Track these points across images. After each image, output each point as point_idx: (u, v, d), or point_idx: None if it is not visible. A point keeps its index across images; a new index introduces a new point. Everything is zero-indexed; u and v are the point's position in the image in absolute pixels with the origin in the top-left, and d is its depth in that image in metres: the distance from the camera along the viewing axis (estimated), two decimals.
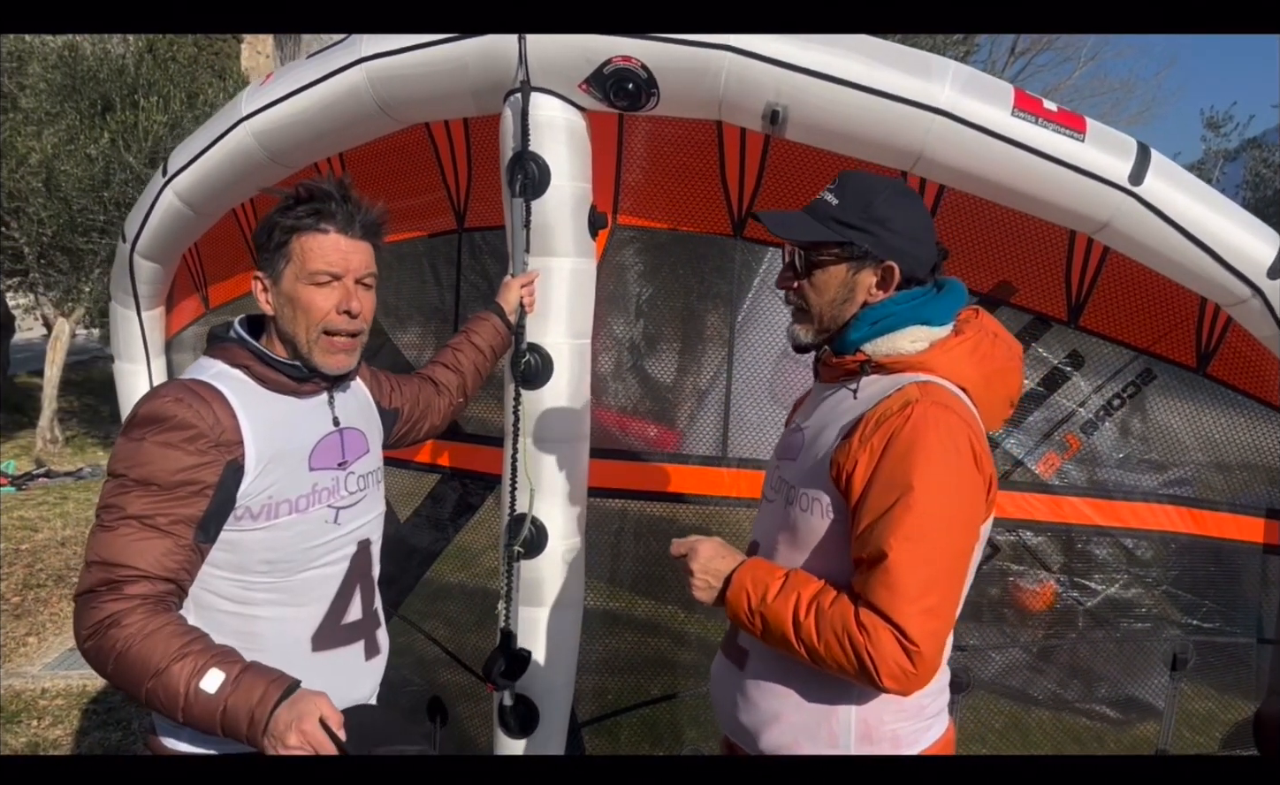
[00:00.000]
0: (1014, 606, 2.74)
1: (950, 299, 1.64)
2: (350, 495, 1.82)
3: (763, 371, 2.76)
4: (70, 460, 10.36)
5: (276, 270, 1.72)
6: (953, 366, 1.57)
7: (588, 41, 2.14)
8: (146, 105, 9.69)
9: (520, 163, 2.24)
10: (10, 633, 5.23)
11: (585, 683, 2.79)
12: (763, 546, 1.73)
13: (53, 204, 9.26)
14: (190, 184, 2.87)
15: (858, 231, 1.60)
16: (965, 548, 1.49)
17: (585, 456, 2.53)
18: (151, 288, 3.41)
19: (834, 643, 1.44)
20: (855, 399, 1.60)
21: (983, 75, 2.11)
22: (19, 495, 8.54)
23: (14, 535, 7.12)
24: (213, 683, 1.47)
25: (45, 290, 10.53)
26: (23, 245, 9.67)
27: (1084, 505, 2.57)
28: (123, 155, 9.33)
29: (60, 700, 4.41)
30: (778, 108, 2.12)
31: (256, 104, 2.60)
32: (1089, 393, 2.54)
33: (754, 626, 1.55)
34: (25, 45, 9.84)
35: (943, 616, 1.45)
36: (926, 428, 1.44)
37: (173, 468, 1.54)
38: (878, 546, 1.42)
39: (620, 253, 2.71)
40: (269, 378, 1.72)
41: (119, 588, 1.50)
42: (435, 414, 2.27)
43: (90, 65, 10.08)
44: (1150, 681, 2.73)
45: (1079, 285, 2.44)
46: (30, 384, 13.74)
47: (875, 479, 1.46)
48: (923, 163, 2.14)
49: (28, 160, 9.10)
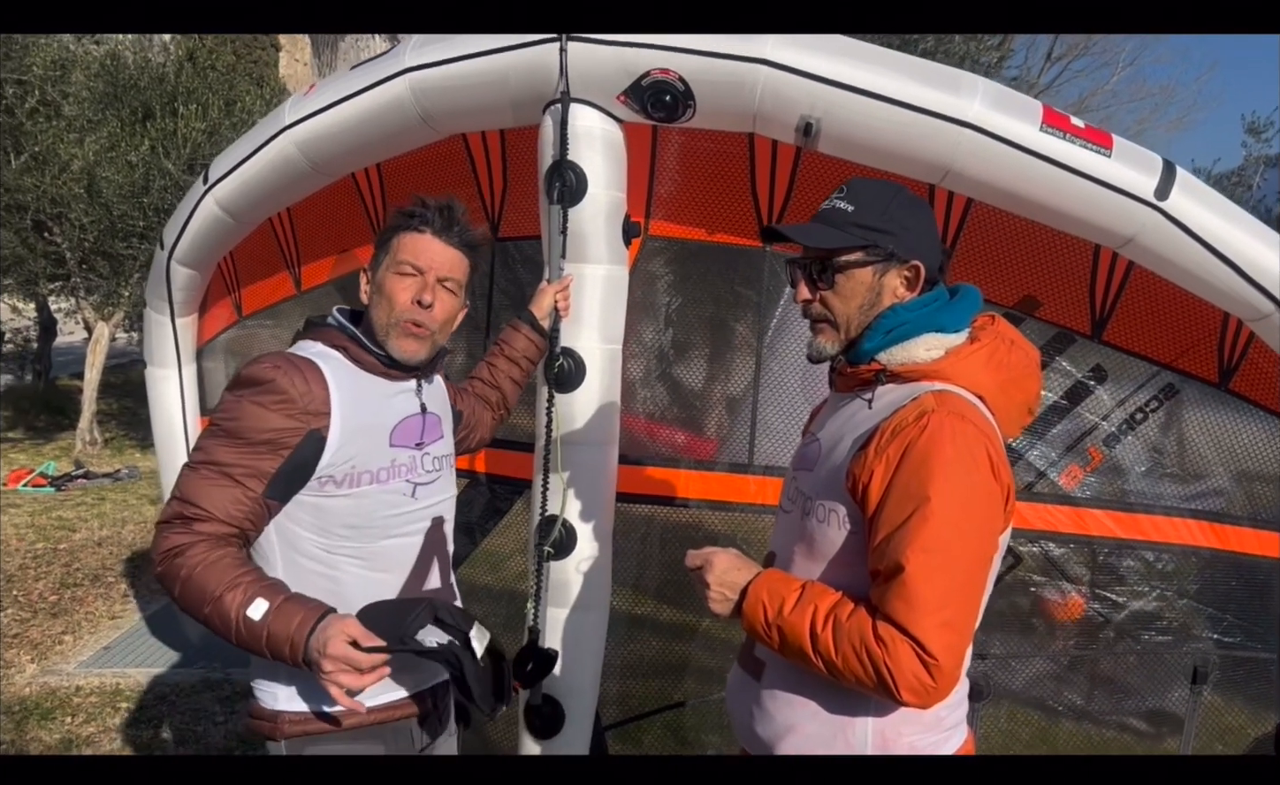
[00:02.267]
0: (1041, 617, 2.77)
1: (964, 305, 1.64)
2: (427, 474, 1.96)
3: (790, 380, 2.81)
4: (108, 462, 10.46)
5: (377, 262, 1.91)
6: (969, 374, 1.56)
7: (626, 54, 2.20)
8: (185, 113, 9.89)
9: (559, 171, 2.30)
10: (47, 631, 5.31)
11: (610, 687, 2.82)
12: (779, 558, 1.72)
13: (94, 210, 9.46)
14: (231, 192, 2.94)
15: (881, 234, 1.60)
16: (983, 559, 1.48)
17: (614, 460, 2.57)
18: (187, 294, 3.48)
19: (852, 656, 1.42)
20: (870, 409, 1.59)
21: (1012, 92, 2.17)
22: (58, 496, 8.68)
23: (52, 535, 7.24)
24: (258, 611, 1.62)
25: (86, 294, 10.73)
26: (64, 250, 9.86)
27: (1106, 518, 2.60)
28: (162, 162, 9.51)
29: (94, 698, 4.47)
30: (811, 121, 2.18)
31: (300, 113, 2.67)
32: (1112, 406, 2.58)
33: (771, 639, 1.54)
34: (69, 54, 10.00)
35: (961, 629, 1.43)
36: (943, 438, 1.43)
37: (260, 426, 1.70)
38: (894, 559, 1.41)
39: (651, 261, 2.76)
40: (363, 359, 1.87)
41: (189, 523, 1.66)
42: (483, 427, 2.40)
43: (131, 74, 10.31)
44: (1176, 695, 2.75)
45: (1103, 300, 2.48)
46: (71, 386, 13.95)
47: (891, 490, 1.45)
48: (951, 176, 2.19)
49: (70, 167, 9.29)
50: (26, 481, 8.97)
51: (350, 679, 1.60)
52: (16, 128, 9.22)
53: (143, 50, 11.34)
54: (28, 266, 9.88)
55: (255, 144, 2.81)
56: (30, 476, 9.07)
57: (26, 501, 8.35)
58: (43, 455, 10.49)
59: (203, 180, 3.03)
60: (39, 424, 12.60)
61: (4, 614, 5.50)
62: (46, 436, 11.86)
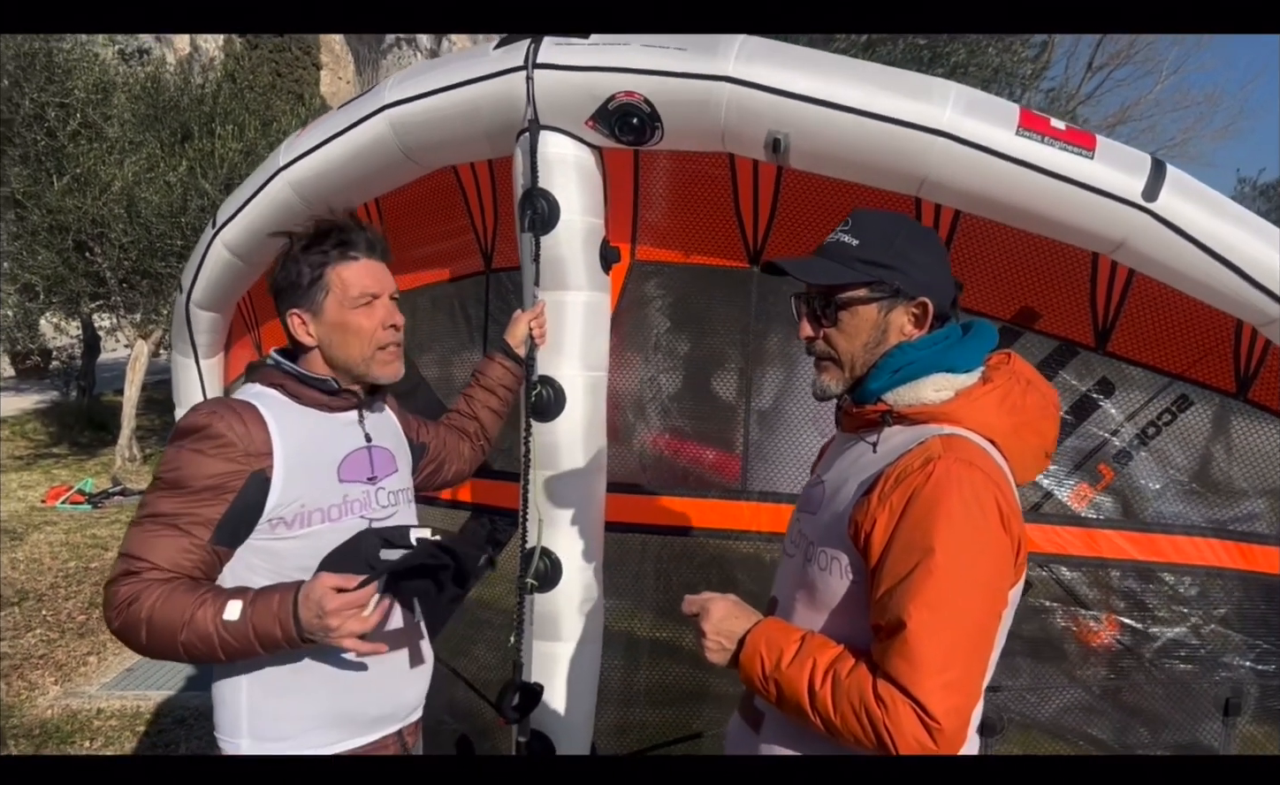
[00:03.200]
0: (1074, 642, 2.62)
1: (977, 343, 1.56)
2: (382, 508, 1.94)
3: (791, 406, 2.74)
4: (147, 478, 10.69)
5: (316, 303, 1.87)
6: (979, 417, 1.49)
7: (592, 79, 2.19)
8: (223, 133, 10.20)
9: (530, 199, 2.29)
10: (73, 651, 5.42)
11: (607, 717, 2.75)
12: (781, 604, 1.66)
13: (133, 230, 9.74)
14: (236, 234, 3.00)
15: (886, 269, 1.54)
16: (991, 615, 1.39)
17: (602, 489, 2.54)
18: (209, 337, 3.56)
19: (850, 716, 1.35)
20: (875, 453, 1.52)
21: (986, 96, 2.09)
22: (94, 513, 8.92)
23: (85, 553, 7.41)
24: (234, 611, 1.63)
25: (126, 312, 11.07)
26: (105, 270, 10.15)
27: (1120, 539, 2.46)
28: (199, 182, 9.81)
29: (114, 721, 4.53)
30: (779, 136, 2.13)
31: (293, 154, 2.72)
32: (1121, 421, 2.45)
33: (768, 692, 1.48)
34: (111, 76, 10.39)
35: (966, 691, 1.34)
36: (949, 486, 1.36)
37: (201, 473, 1.70)
38: (896, 615, 1.34)
39: (641, 286, 2.73)
40: (303, 394, 1.87)
41: (137, 575, 1.66)
42: (460, 459, 2.38)
43: (172, 95, 10.72)
44: (1210, 727, 2.57)
45: (1105, 309, 2.36)
46: (114, 402, 14.35)
47: (894, 541, 1.38)
48: (928, 186, 2.12)
49: (110, 188, 9.58)
50: (65, 499, 9.26)
51: (358, 622, 1.63)
52: (59, 150, 9.56)
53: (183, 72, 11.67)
54: (70, 286, 10.18)
55: (255, 186, 2.87)
56: (68, 494, 9.36)
57: (63, 519, 8.58)
58: (84, 471, 10.88)
59: (211, 223, 3.10)
60: (82, 439, 13.12)
61: (33, 634, 5.63)
62: (90, 452, 12.33)
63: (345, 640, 1.61)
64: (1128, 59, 19.73)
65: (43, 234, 9.56)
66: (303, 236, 1.92)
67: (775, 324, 2.66)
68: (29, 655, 5.32)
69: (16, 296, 10.82)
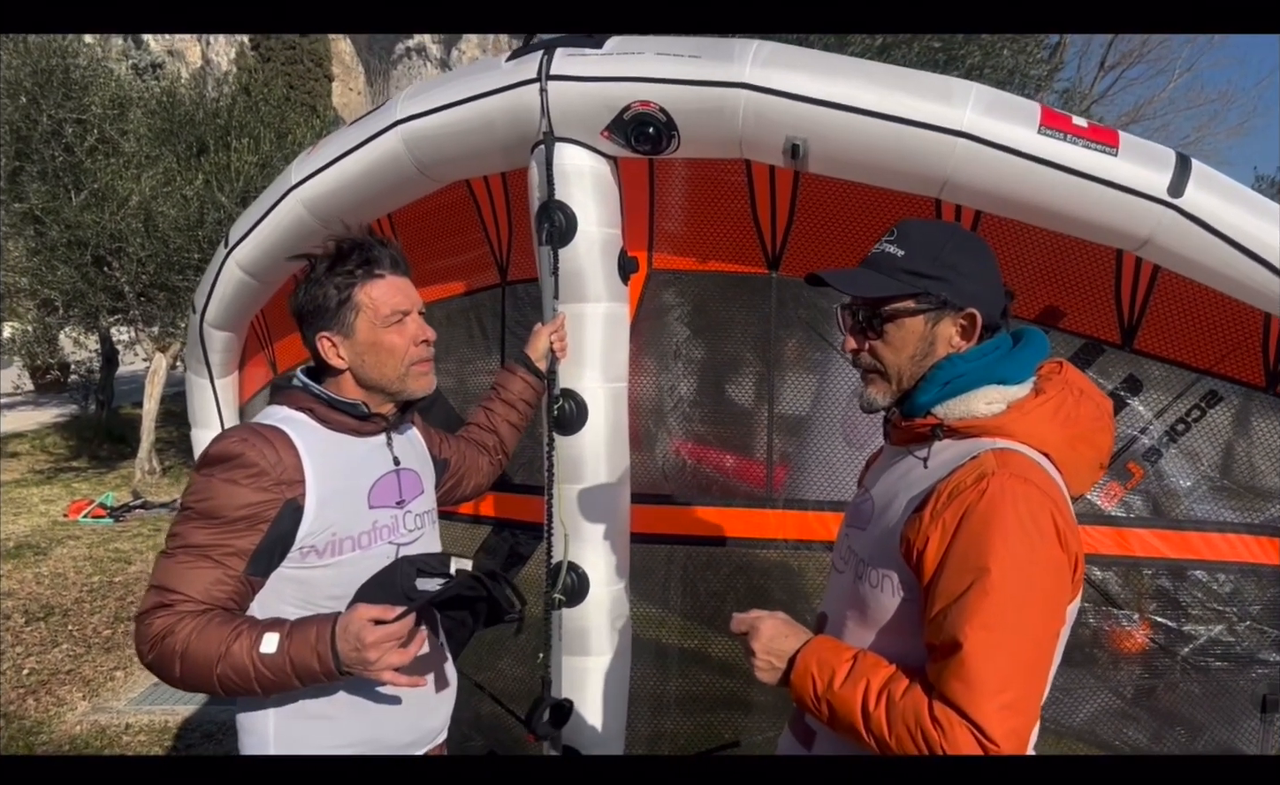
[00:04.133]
0: (1103, 648, 2.58)
1: (1029, 353, 1.54)
2: (409, 533, 1.91)
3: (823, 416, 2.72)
4: (167, 491, 10.69)
5: (346, 324, 1.84)
6: (1033, 430, 1.46)
7: (607, 89, 2.17)
8: (238, 146, 10.19)
9: (547, 212, 2.28)
10: (99, 666, 5.40)
11: (662, 725, 2.73)
12: (831, 621, 1.63)
13: (151, 244, 9.71)
14: (249, 254, 2.99)
15: (933, 280, 1.51)
16: (1049, 635, 1.36)
17: (627, 501, 2.52)
18: (223, 356, 3.56)
19: (906, 738, 1.33)
20: (926, 468, 1.50)
21: (1006, 95, 2.06)
22: (115, 527, 8.88)
23: (108, 568, 7.40)
24: (270, 644, 1.60)
25: (145, 326, 11.04)
26: (123, 284, 10.14)
27: (1152, 537, 2.42)
28: (216, 195, 9.79)
29: (142, 736, 4.51)
30: (797, 142, 2.11)
31: (304, 172, 2.71)
32: (1150, 418, 2.41)
33: (820, 712, 1.45)
34: (127, 92, 10.39)
35: (1025, 712, 1.32)
36: (1004, 503, 1.33)
37: (235, 503, 1.66)
38: (952, 635, 1.31)
39: (660, 295, 2.71)
40: (332, 419, 1.82)
41: (170, 608, 1.63)
42: (479, 473, 2.35)
43: (188, 109, 10.68)
44: (1248, 726, 2.54)
45: (1130, 305, 2.33)
46: (133, 415, 14.26)
47: (948, 559, 1.35)
48: (949, 188, 2.09)
49: (128, 202, 9.56)
50: (87, 513, 9.21)
51: (398, 655, 1.60)
52: (76, 166, 9.57)
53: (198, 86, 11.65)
54: (88, 300, 10.17)
55: (267, 205, 2.86)
56: (90, 508, 9.31)
57: (86, 533, 8.56)
58: (104, 484, 10.82)
59: (224, 243, 3.10)
60: (102, 453, 13.03)
61: (59, 649, 5.63)
62: (109, 465, 12.24)
63: (384, 673, 1.59)
64: (1140, 58, 19.59)
65: (61, 249, 9.58)
66: (324, 258, 1.88)
67: (795, 330, 2.64)
68: (56, 671, 5.32)
69: (36, 311, 10.82)
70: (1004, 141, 1.99)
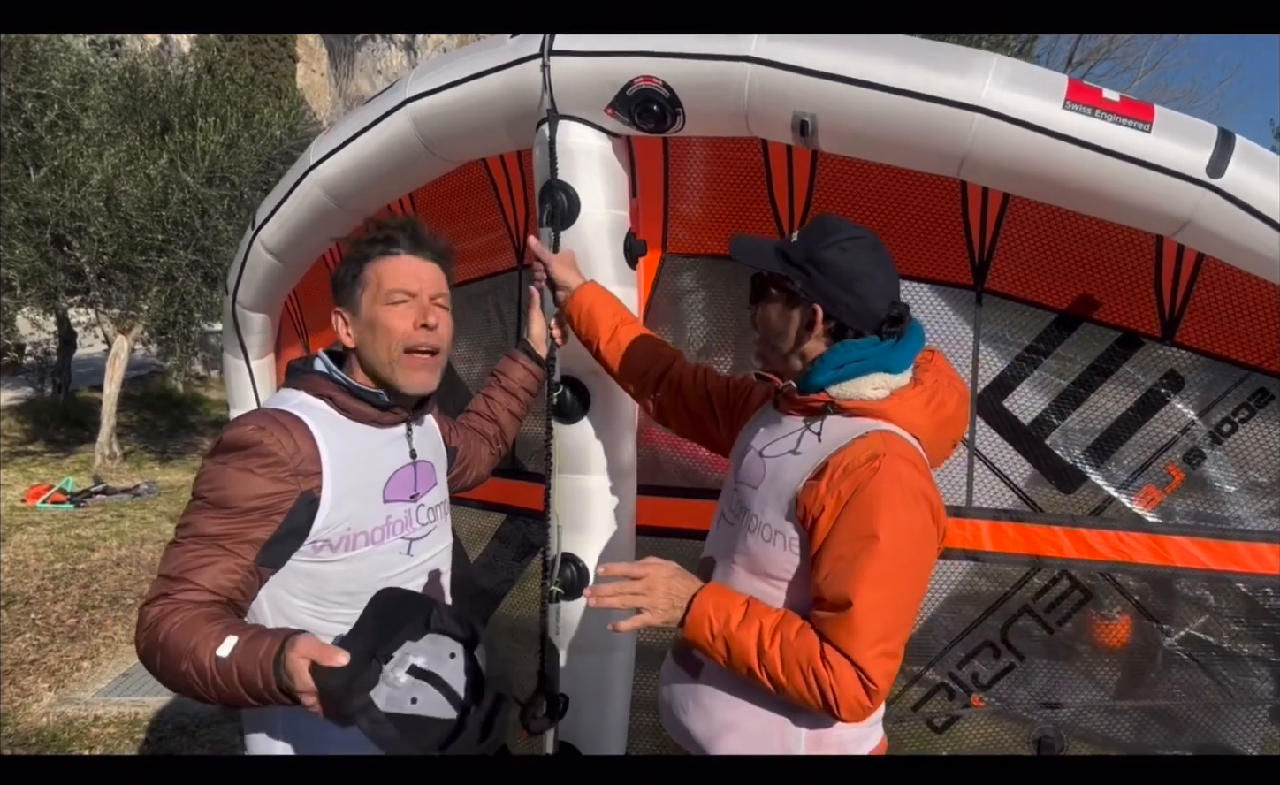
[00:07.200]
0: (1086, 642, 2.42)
1: (911, 346, 1.70)
2: (422, 527, 1.86)
3: None
4: (128, 476, 10.58)
5: (354, 300, 1.79)
6: (908, 416, 1.66)
7: (609, 64, 2.10)
8: (204, 125, 10.01)
9: (549, 192, 2.21)
10: (65, 656, 5.24)
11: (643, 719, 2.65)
12: (720, 567, 1.79)
13: (113, 223, 9.58)
14: (272, 234, 3.00)
15: (794, 268, 1.67)
16: (919, 593, 1.62)
17: (632, 492, 2.45)
18: (258, 337, 3.58)
19: (797, 674, 1.53)
20: (820, 441, 1.66)
21: (1031, 67, 1.92)
22: (77, 513, 8.70)
23: (71, 555, 7.23)
24: (226, 647, 1.47)
25: (105, 308, 10.85)
26: (84, 264, 10.00)
27: (1193, 546, 2.24)
28: (180, 175, 9.66)
29: (112, 728, 4.37)
30: (805, 117, 2.00)
31: (321, 152, 2.69)
32: (1192, 418, 2.23)
33: (715, 650, 1.62)
34: (88, 67, 10.19)
35: (897, 656, 1.55)
36: (892, 482, 1.53)
37: (249, 492, 1.60)
38: (842, 592, 1.51)
39: (675, 279, 2.62)
40: (351, 407, 1.76)
41: (172, 596, 1.55)
42: (480, 463, 2.30)
43: (150, 87, 10.48)
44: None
45: (1172, 295, 2.16)
46: (90, 399, 14.09)
47: (840, 525, 1.54)
48: (968, 165, 1.96)
49: (89, 181, 9.41)
50: (46, 498, 9.05)
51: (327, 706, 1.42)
52: (36, 142, 9.40)
53: (161, 63, 11.29)
54: (47, 280, 9.97)
55: (288, 186, 2.86)
56: (49, 493, 9.16)
57: (46, 519, 8.37)
58: (62, 468, 10.65)
59: (251, 224, 3.11)
60: (59, 436, 12.78)
61: (22, 638, 5.46)
62: (66, 449, 12.01)
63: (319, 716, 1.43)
64: (1107, 55, 20.38)
65: (19, 227, 9.36)
66: (357, 236, 1.85)
67: None
68: (20, 660, 5.16)
69: None
70: (1026, 117, 1.86)
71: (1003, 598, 2.40)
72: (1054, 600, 2.36)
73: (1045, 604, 2.37)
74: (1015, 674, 2.44)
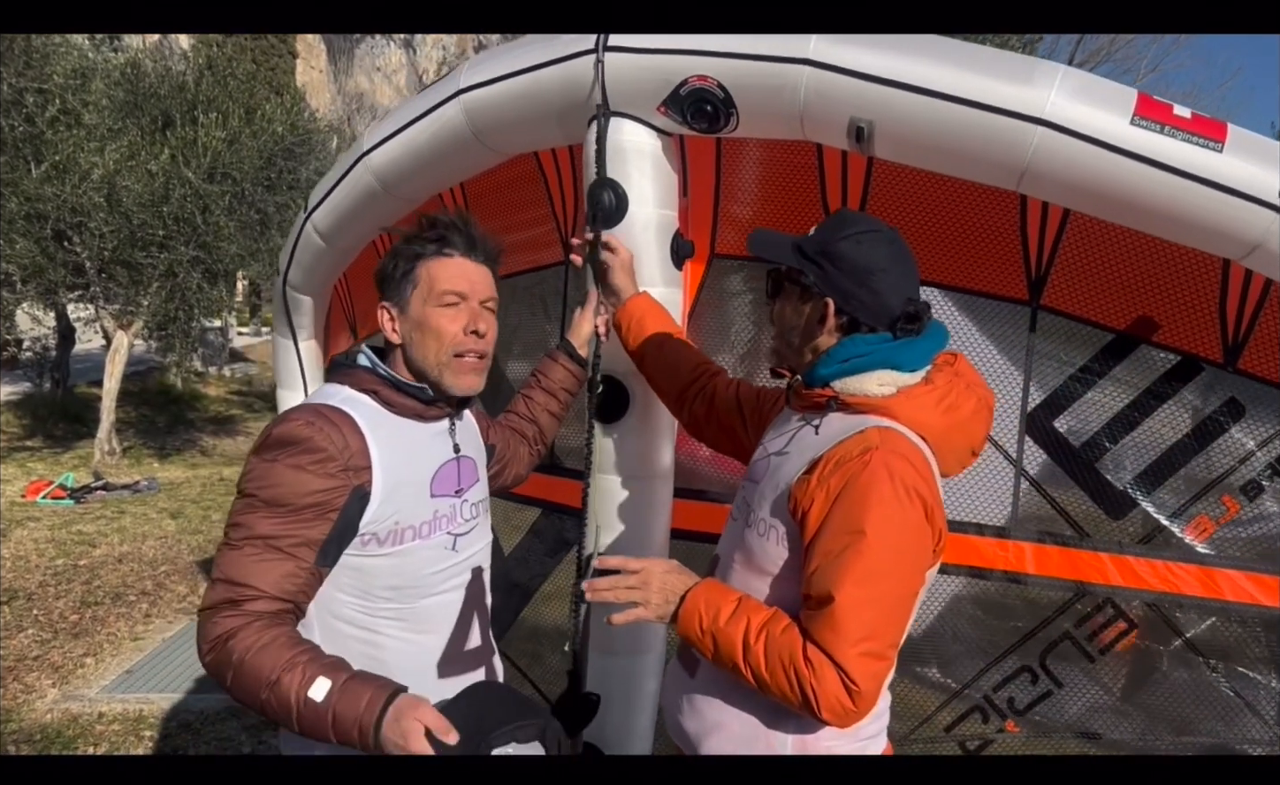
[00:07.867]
0: (1171, 692, 2.35)
1: (928, 344, 1.65)
2: (466, 522, 1.85)
3: None
4: (127, 472, 10.48)
5: (403, 298, 1.78)
6: (916, 415, 1.60)
7: (663, 62, 2.07)
8: (205, 121, 9.94)
9: (596, 189, 2.19)
10: (68, 653, 5.19)
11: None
12: (722, 563, 1.79)
13: (113, 219, 9.50)
14: (323, 218, 3.02)
15: (809, 262, 1.65)
16: (910, 593, 1.55)
17: (668, 495, 2.43)
18: (307, 319, 3.61)
19: (780, 672, 1.50)
20: (817, 435, 1.64)
21: (1098, 79, 1.86)
22: (77, 508, 8.62)
23: (72, 551, 7.16)
24: (320, 691, 1.46)
25: (105, 303, 10.76)
26: (84, 259, 9.93)
27: (1246, 581, 2.17)
28: (182, 170, 9.57)
29: (116, 725, 4.31)
30: (862, 124, 1.96)
31: (374, 139, 2.71)
32: (1252, 448, 2.15)
33: (704, 646, 1.60)
34: (89, 62, 10.11)
35: (885, 658, 1.51)
36: (883, 477, 1.48)
37: (302, 490, 1.56)
38: (826, 588, 1.47)
39: (722, 281, 2.60)
40: (396, 402, 1.75)
41: (238, 605, 1.52)
42: (519, 462, 2.28)
43: (152, 82, 10.41)
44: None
45: (1237, 320, 2.09)
46: (89, 394, 13.96)
47: (829, 520, 1.51)
48: (1029, 179, 1.90)
49: (90, 176, 9.34)
50: (45, 494, 8.94)
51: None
52: (37, 136, 9.34)
53: (163, 59, 11.14)
54: (47, 276, 9.88)
55: (341, 171, 2.87)
56: (49, 488, 9.05)
57: (46, 514, 8.27)
58: (61, 464, 10.54)
59: (304, 207, 3.14)
60: (57, 432, 12.63)
61: (25, 634, 5.42)
62: (65, 445, 11.90)
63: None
64: (1108, 56, 20.06)
65: (20, 222, 9.31)
66: (409, 231, 1.83)
67: None
68: (23, 657, 5.10)
69: None
70: (1090, 131, 1.80)
71: (1043, 622, 2.34)
72: (1097, 628, 2.30)
73: (1087, 632, 2.31)
74: (1052, 701, 2.38)
